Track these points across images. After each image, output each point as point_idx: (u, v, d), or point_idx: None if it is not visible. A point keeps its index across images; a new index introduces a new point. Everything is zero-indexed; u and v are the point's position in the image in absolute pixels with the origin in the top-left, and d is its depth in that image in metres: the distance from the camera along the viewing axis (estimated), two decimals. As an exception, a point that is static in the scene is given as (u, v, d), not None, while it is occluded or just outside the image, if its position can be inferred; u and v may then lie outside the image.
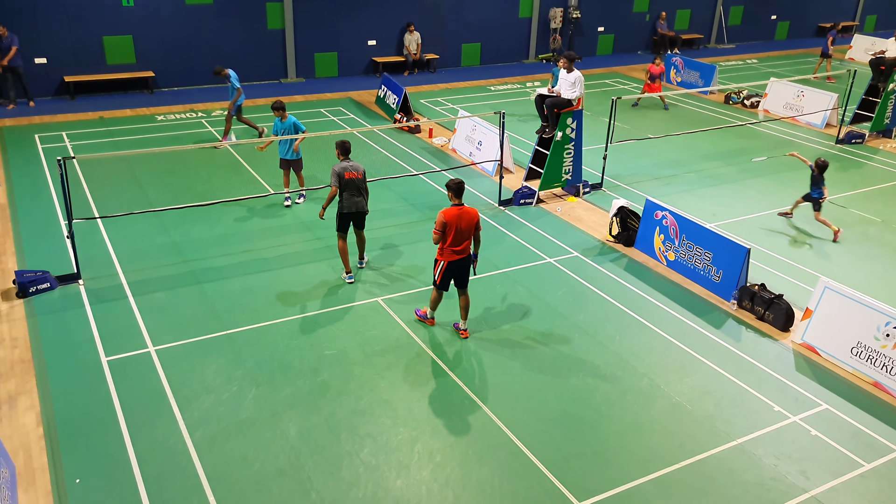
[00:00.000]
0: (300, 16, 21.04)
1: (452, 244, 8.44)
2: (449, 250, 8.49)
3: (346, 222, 9.79)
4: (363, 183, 9.70)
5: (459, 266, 8.66)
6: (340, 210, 9.69)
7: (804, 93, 18.87)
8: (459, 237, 8.44)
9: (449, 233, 8.37)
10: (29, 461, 6.80)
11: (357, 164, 9.68)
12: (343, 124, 17.44)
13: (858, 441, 7.43)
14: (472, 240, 8.61)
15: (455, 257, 8.55)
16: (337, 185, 9.46)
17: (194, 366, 8.23)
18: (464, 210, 8.42)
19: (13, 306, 9.33)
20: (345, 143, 9.66)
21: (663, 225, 10.88)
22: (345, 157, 9.60)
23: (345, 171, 9.46)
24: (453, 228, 8.36)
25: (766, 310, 9.48)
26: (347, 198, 9.61)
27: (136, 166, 14.17)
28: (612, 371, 8.41)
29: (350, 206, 9.66)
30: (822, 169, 11.92)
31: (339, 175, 9.45)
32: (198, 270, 10.37)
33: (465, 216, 8.40)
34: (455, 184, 8.48)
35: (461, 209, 8.42)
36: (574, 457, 7.08)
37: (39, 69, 18.46)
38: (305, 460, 6.92)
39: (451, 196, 8.47)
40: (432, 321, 9.19)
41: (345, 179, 9.46)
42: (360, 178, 9.61)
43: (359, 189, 9.66)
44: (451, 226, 8.35)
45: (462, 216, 8.39)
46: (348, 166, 9.52)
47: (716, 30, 29.10)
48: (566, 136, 12.82)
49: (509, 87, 21.89)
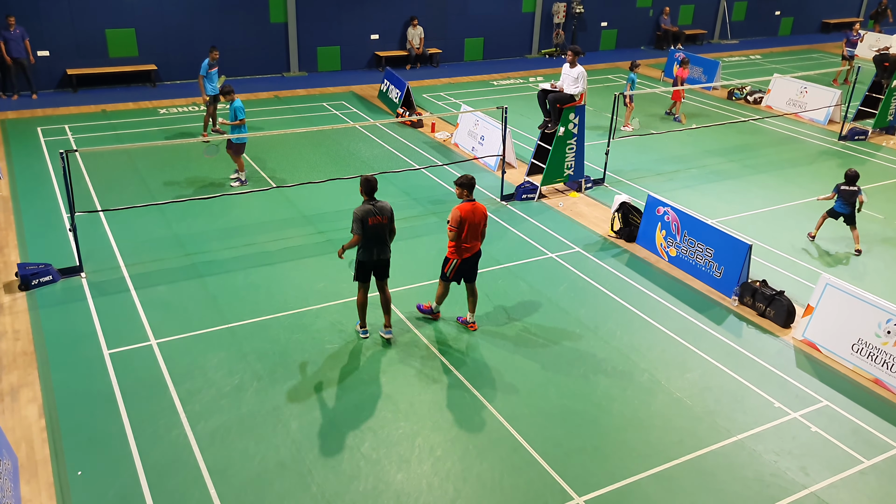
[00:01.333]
0: (303, 9, 21.01)
1: (465, 240, 8.45)
2: (462, 247, 8.48)
3: (366, 272, 8.41)
4: (389, 226, 8.32)
5: (471, 262, 8.67)
6: (359, 257, 8.32)
7: (807, 89, 18.82)
8: (472, 233, 8.45)
9: (463, 229, 8.35)
10: (31, 453, 6.83)
11: (385, 204, 8.23)
12: (345, 118, 17.43)
13: (858, 438, 7.44)
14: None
15: (468, 254, 8.56)
16: (360, 233, 8.12)
17: (196, 359, 8.25)
18: (475, 205, 8.43)
19: (16, 299, 9.35)
20: (370, 182, 8.17)
21: (665, 221, 10.88)
22: (369, 198, 8.16)
23: (368, 217, 8.06)
24: (467, 224, 8.35)
25: (767, 306, 9.48)
26: (368, 246, 8.23)
27: (139, 159, 14.18)
28: (613, 366, 8.43)
29: (370, 255, 8.28)
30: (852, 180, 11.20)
31: (362, 222, 8.06)
32: (200, 264, 10.39)
33: (477, 212, 8.43)
34: (467, 180, 8.41)
35: (473, 204, 8.41)
36: (574, 451, 7.10)
37: (42, 62, 18.46)
38: (306, 454, 6.94)
39: (464, 193, 8.44)
40: (437, 315, 9.16)
41: (368, 226, 8.10)
42: (385, 222, 8.21)
43: (383, 236, 8.28)
44: (466, 221, 8.33)
45: (475, 212, 8.40)
46: (373, 210, 8.10)
47: (719, 25, 29.02)
48: (568, 132, 12.81)
49: (512, 81, 21.85)
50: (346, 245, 8.26)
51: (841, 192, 11.30)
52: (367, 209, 8.08)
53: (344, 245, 8.29)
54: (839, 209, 11.38)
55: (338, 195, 12.78)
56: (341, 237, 11.30)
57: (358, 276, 8.43)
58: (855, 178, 11.20)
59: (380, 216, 8.13)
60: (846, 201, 11.29)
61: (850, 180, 11.22)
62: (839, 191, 11.32)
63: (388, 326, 8.66)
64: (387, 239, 8.34)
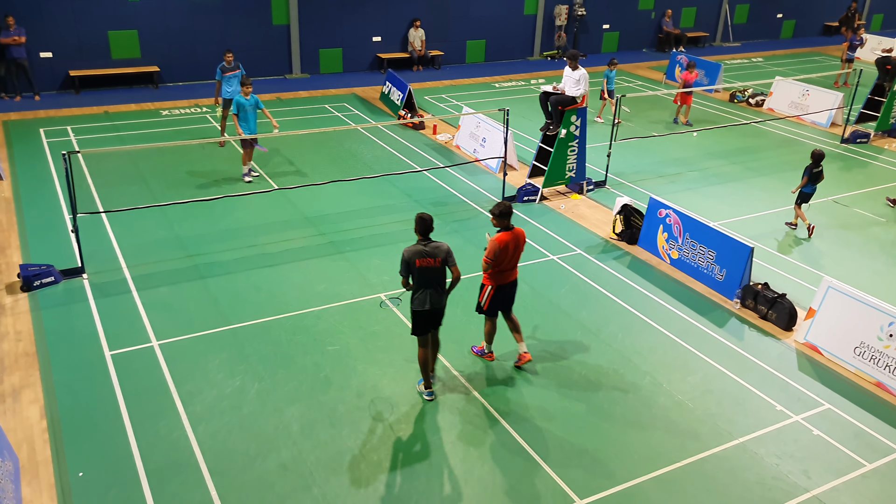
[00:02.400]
0: (305, 11, 21.03)
1: (503, 267, 7.80)
2: (498, 274, 7.81)
3: (421, 324, 7.47)
4: (444, 270, 7.30)
5: (507, 290, 8.00)
6: (413, 307, 7.42)
7: (809, 92, 18.81)
8: (510, 261, 7.82)
9: (501, 259, 7.70)
10: (32, 454, 6.83)
11: (439, 245, 7.22)
12: (347, 120, 17.44)
13: (860, 441, 7.43)
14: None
15: (505, 281, 7.90)
16: (405, 275, 7.27)
17: (197, 360, 8.25)
18: (515, 233, 7.74)
19: (18, 300, 9.36)
20: (425, 220, 7.23)
21: (667, 223, 10.87)
22: (422, 238, 7.29)
23: (416, 258, 7.16)
24: (506, 254, 7.71)
25: (769, 309, 9.47)
26: (421, 292, 7.33)
27: (141, 161, 14.19)
28: (615, 369, 8.42)
29: (424, 303, 7.35)
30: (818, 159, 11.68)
31: (409, 263, 7.18)
32: (201, 265, 10.40)
33: (517, 240, 7.76)
34: (504, 208, 7.66)
35: (513, 233, 7.71)
36: (575, 454, 7.09)
37: (45, 63, 18.49)
38: (307, 455, 6.94)
39: (503, 223, 7.70)
40: (492, 356, 8.44)
41: (415, 268, 7.20)
42: (437, 266, 7.22)
43: (437, 281, 7.30)
44: (504, 252, 7.69)
45: (516, 240, 7.75)
46: (423, 251, 7.18)
47: (721, 28, 29.02)
48: (570, 134, 12.81)
49: (514, 83, 21.86)
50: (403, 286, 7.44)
51: (812, 174, 11.67)
52: (416, 249, 7.16)
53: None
54: (809, 190, 11.81)
55: (339, 197, 12.79)
56: (342, 239, 11.32)
57: (414, 331, 7.50)
58: (821, 157, 11.64)
59: (431, 258, 7.16)
60: (814, 183, 11.76)
61: (818, 160, 11.60)
62: (810, 174, 11.66)
63: (431, 371, 7.85)
64: (442, 284, 7.37)
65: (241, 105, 12.79)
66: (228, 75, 14.47)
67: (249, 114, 12.92)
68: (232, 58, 14.58)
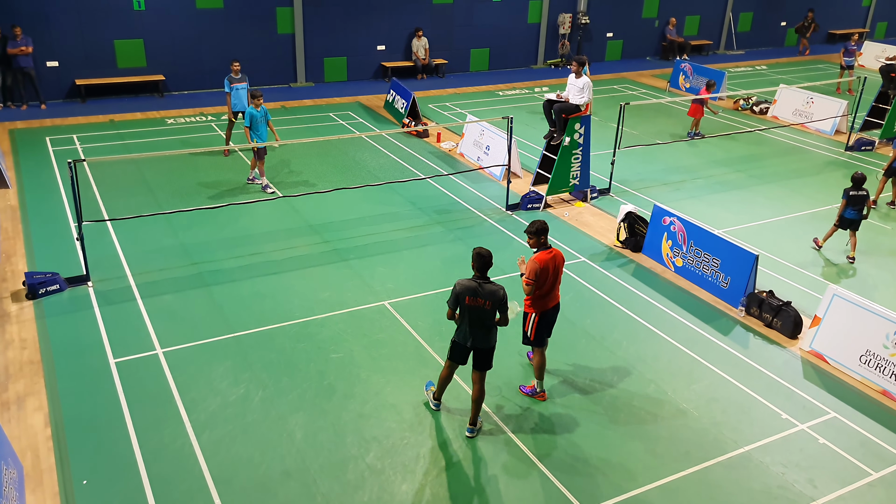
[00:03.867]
0: (310, 20, 21.12)
1: (544, 291, 7.53)
2: (540, 299, 7.55)
3: (456, 354, 7.29)
4: (494, 313, 7.01)
5: (550, 317, 7.73)
6: (454, 337, 7.28)
7: (813, 99, 18.80)
8: (552, 283, 7.53)
9: (542, 279, 7.41)
10: (37, 462, 6.83)
11: (496, 290, 6.91)
12: (352, 128, 17.49)
13: (866, 450, 7.39)
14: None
15: (547, 306, 7.63)
16: (453, 308, 7.05)
17: (201, 368, 8.26)
18: (554, 253, 7.52)
19: (23, 308, 9.39)
20: (483, 257, 6.93)
21: (671, 231, 10.86)
22: (480, 276, 7.00)
23: (466, 295, 6.91)
24: (546, 275, 7.43)
25: (774, 317, 9.45)
26: (465, 327, 7.10)
27: (146, 169, 14.25)
28: (619, 377, 8.39)
29: (465, 338, 7.14)
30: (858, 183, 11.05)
31: (458, 297, 6.95)
32: (206, 273, 10.42)
33: (556, 260, 7.52)
34: (540, 226, 7.43)
35: (551, 252, 7.49)
36: (580, 462, 7.07)
37: (51, 72, 18.59)
38: (311, 463, 6.93)
39: (539, 241, 7.46)
40: (544, 395, 7.94)
41: (464, 304, 6.96)
42: (487, 308, 6.93)
43: (484, 322, 7.03)
44: (545, 272, 7.41)
45: (555, 260, 7.50)
46: (477, 290, 6.91)
47: (725, 36, 29.05)
48: (574, 142, 12.82)
49: (517, 91, 21.90)
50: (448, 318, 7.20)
51: (850, 197, 11.14)
52: (469, 286, 6.92)
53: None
54: (849, 216, 11.21)
55: (344, 205, 12.81)
56: (346, 247, 11.33)
57: (449, 356, 7.36)
58: (862, 180, 11.07)
59: (482, 299, 6.90)
60: (855, 206, 11.15)
61: (857, 184, 11.09)
62: (848, 196, 11.14)
63: (473, 424, 7.39)
64: (490, 327, 7.10)
65: (254, 116, 12.96)
66: (236, 86, 14.57)
67: (261, 125, 13.11)
68: (239, 67, 14.66)
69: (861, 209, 11.17)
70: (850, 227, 11.32)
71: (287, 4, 20.67)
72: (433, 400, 7.73)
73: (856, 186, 11.11)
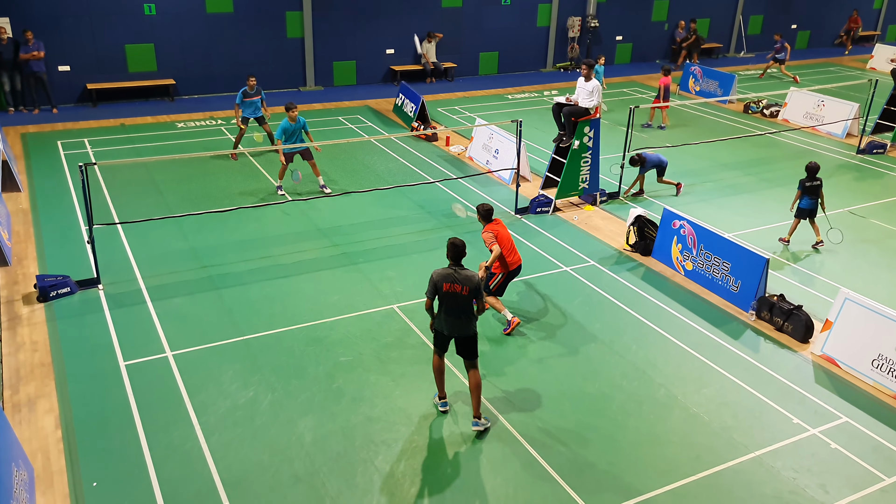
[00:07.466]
0: (319, 25, 21.20)
1: (507, 250, 9.03)
2: (506, 260, 9.03)
3: (438, 342, 7.51)
4: (471, 300, 7.18)
5: (514, 274, 9.31)
6: (434, 325, 7.47)
7: (825, 102, 18.70)
8: (509, 241, 9.13)
9: (502, 238, 8.95)
10: (47, 464, 6.86)
11: (470, 274, 7.14)
12: (361, 132, 17.52)
13: (879, 455, 7.32)
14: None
15: (512, 267, 9.14)
16: (431, 297, 7.23)
17: (211, 371, 8.28)
18: (497, 220, 9.14)
19: (34, 310, 9.44)
20: (457, 246, 7.23)
21: (681, 234, 10.82)
22: (454, 263, 7.23)
23: (444, 282, 7.11)
24: (503, 234, 9.00)
25: (785, 321, 9.39)
26: (444, 315, 7.29)
27: (156, 173, 14.32)
28: (629, 381, 8.36)
29: (443, 326, 7.33)
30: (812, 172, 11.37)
31: (436, 285, 7.15)
32: (216, 276, 10.45)
33: (500, 223, 9.13)
34: (488, 206, 9.13)
35: (496, 221, 9.12)
36: (589, 467, 7.04)
37: (63, 77, 18.73)
38: (320, 466, 6.93)
39: (487, 218, 9.09)
40: (516, 320, 9.26)
41: (442, 292, 7.15)
42: (465, 294, 7.11)
43: (461, 309, 7.20)
44: (501, 232, 9.00)
45: (500, 223, 9.12)
46: (453, 276, 7.12)
47: (735, 39, 28.96)
48: (583, 145, 12.80)
49: (527, 95, 21.90)
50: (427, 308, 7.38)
51: (806, 187, 11.45)
52: (445, 273, 7.13)
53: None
54: (805, 205, 11.55)
55: (353, 208, 12.83)
56: (356, 250, 11.34)
57: (434, 343, 7.58)
58: (816, 170, 11.37)
59: (459, 285, 7.08)
60: (811, 196, 11.47)
61: (811, 173, 11.38)
62: (804, 187, 11.45)
63: (477, 416, 7.43)
64: (468, 314, 7.24)
65: (287, 130, 12.91)
66: (249, 100, 14.73)
67: (297, 135, 13.06)
68: (255, 82, 14.84)
69: (816, 199, 11.49)
70: (808, 216, 11.65)
71: (296, 8, 20.76)
72: (439, 401, 7.79)
73: (810, 177, 11.40)
